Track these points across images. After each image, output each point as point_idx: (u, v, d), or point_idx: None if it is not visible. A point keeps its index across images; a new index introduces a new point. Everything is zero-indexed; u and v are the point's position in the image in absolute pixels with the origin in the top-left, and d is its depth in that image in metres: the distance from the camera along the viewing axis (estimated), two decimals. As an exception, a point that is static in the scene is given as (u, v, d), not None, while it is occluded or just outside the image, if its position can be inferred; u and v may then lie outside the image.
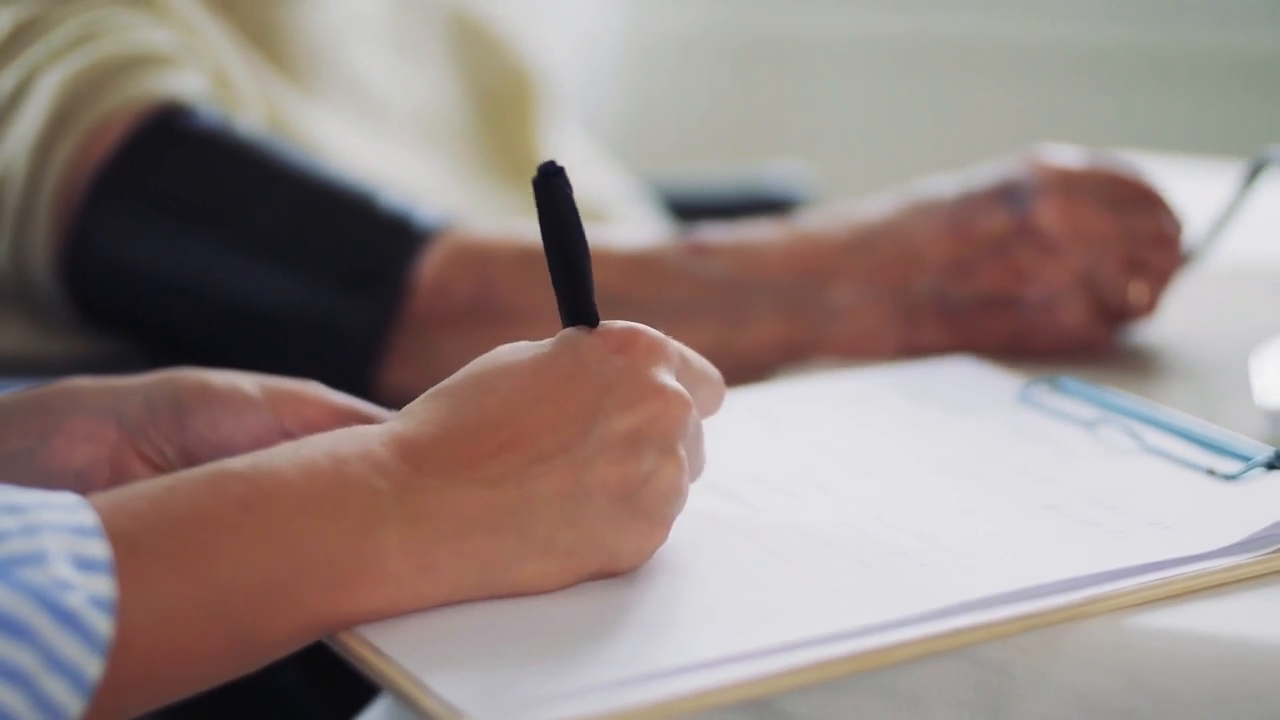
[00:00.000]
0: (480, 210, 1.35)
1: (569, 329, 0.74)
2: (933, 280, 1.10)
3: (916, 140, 2.78)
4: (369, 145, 1.31)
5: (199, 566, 0.64)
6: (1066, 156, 1.11)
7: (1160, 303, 1.11)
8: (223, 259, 1.12)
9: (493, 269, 1.11)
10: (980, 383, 1.01)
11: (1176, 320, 1.14)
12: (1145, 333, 1.13)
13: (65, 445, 0.76)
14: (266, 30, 1.28)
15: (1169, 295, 1.11)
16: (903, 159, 2.61)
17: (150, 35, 1.15)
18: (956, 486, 0.84)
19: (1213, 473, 0.84)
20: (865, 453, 0.89)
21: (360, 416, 0.80)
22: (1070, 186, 1.09)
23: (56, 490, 0.74)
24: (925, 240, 1.10)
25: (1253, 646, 0.68)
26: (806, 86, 2.89)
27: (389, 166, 1.30)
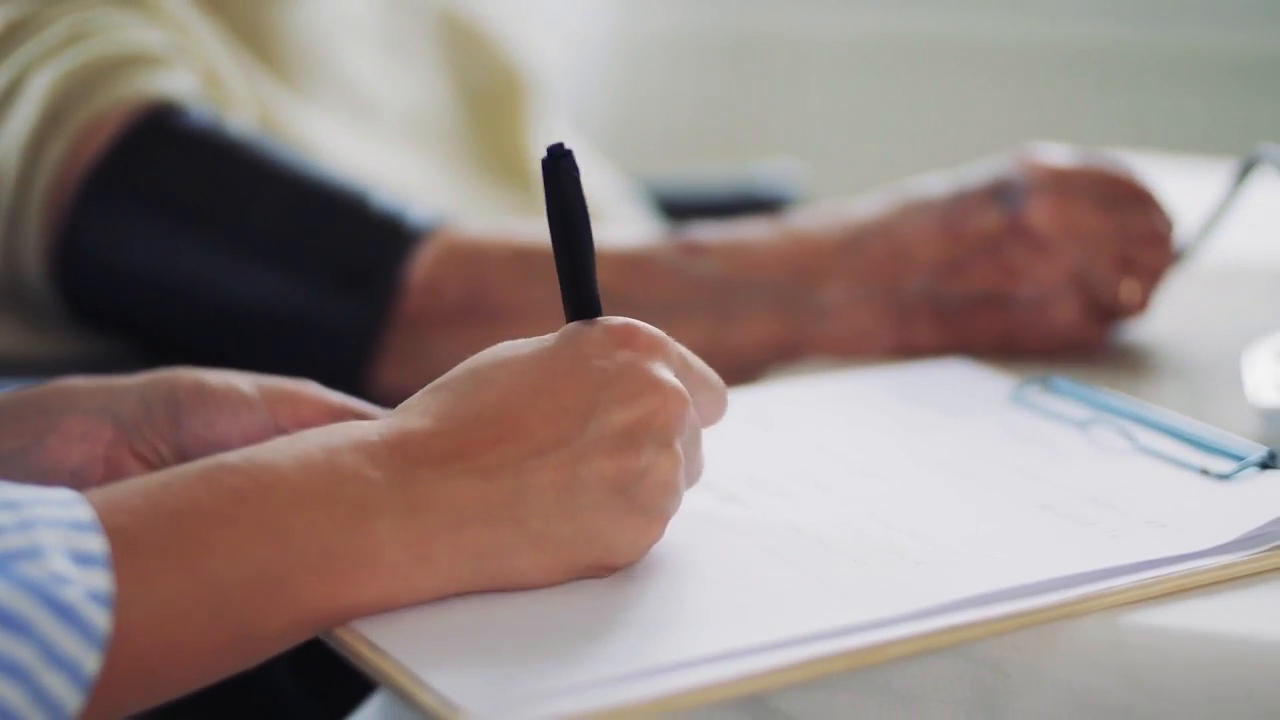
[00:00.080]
0: (471, 210, 1.35)
1: (570, 324, 0.74)
2: (924, 279, 1.10)
3: (905, 140, 2.79)
4: (360, 145, 1.31)
5: (195, 560, 0.64)
6: (1058, 155, 1.11)
7: (1152, 301, 1.11)
8: (214, 259, 1.11)
9: (485, 268, 1.11)
10: (973, 383, 1.01)
11: (1168, 319, 1.14)
12: (1137, 331, 1.13)
13: (60, 444, 0.76)
14: (257, 30, 1.28)
15: (1161, 294, 1.12)
16: (891, 159, 2.61)
17: (141, 35, 1.15)
18: (951, 486, 0.84)
19: (1206, 472, 0.84)
20: (860, 453, 0.89)
21: (356, 415, 0.80)
22: (1062, 185, 1.09)
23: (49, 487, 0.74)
24: (917, 239, 1.10)
25: (1249, 644, 0.68)
26: (794, 86, 2.89)
27: (380, 166, 1.29)
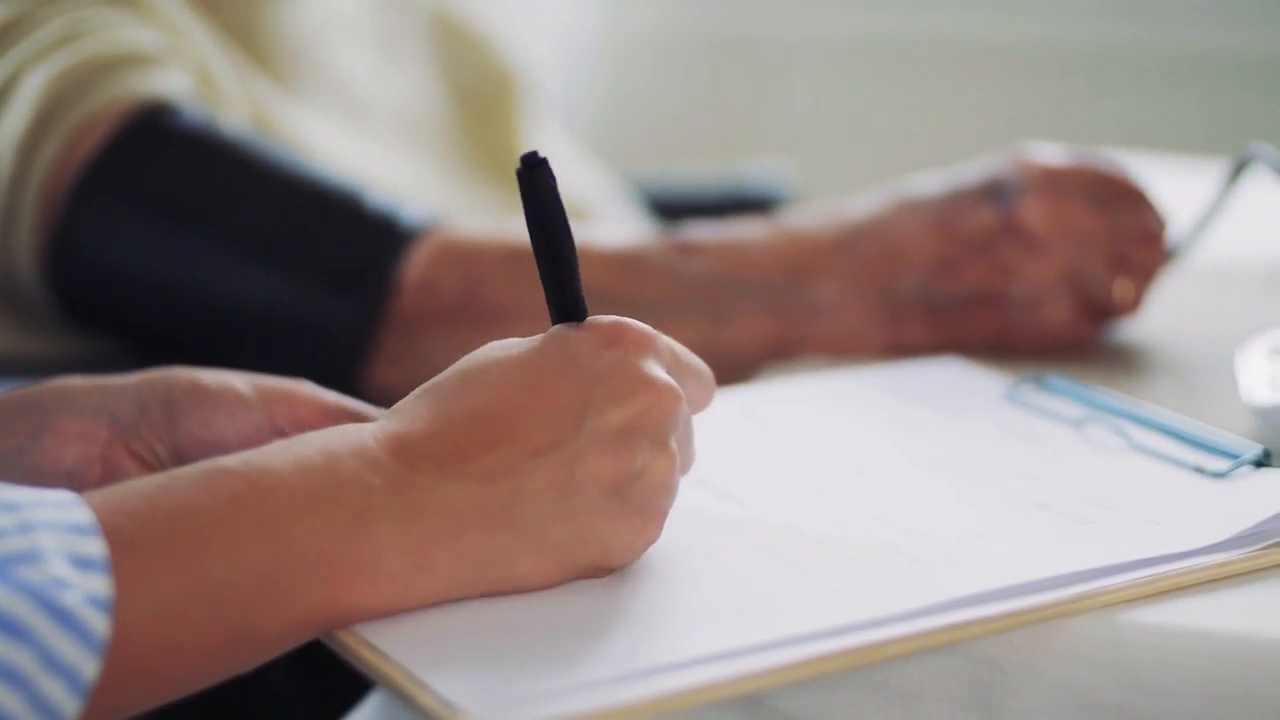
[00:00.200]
0: (463, 209, 1.35)
1: (557, 325, 0.73)
2: (918, 278, 1.10)
3: (894, 140, 2.78)
4: (352, 145, 1.31)
5: (194, 562, 0.64)
6: (1051, 154, 1.11)
7: (1145, 300, 1.11)
8: (208, 258, 1.11)
9: (479, 268, 1.11)
10: (967, 382, 1.01)
11: (1161, 318, 1.14)
12: (1130, 330, 1.13)
13: (56, 444, 0.76)
14: (250, 30, 1.28)
15: (1154, 293, 1.12)
16: (880, 158, 2.60)
17: (134, 35, 1.15)
18: (947, 484, 0.84)
19: (1201, 470, 0.84)
20: (855, 451, 0.89)
21: (352, 415, 0.80)
22: (1055, 184, 1.09)
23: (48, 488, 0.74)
24: (910, 238, 1.10)
25: (1246, 642, 0.68)
26: (782, 85, 2.89)
27: (372, 166, 1.29)
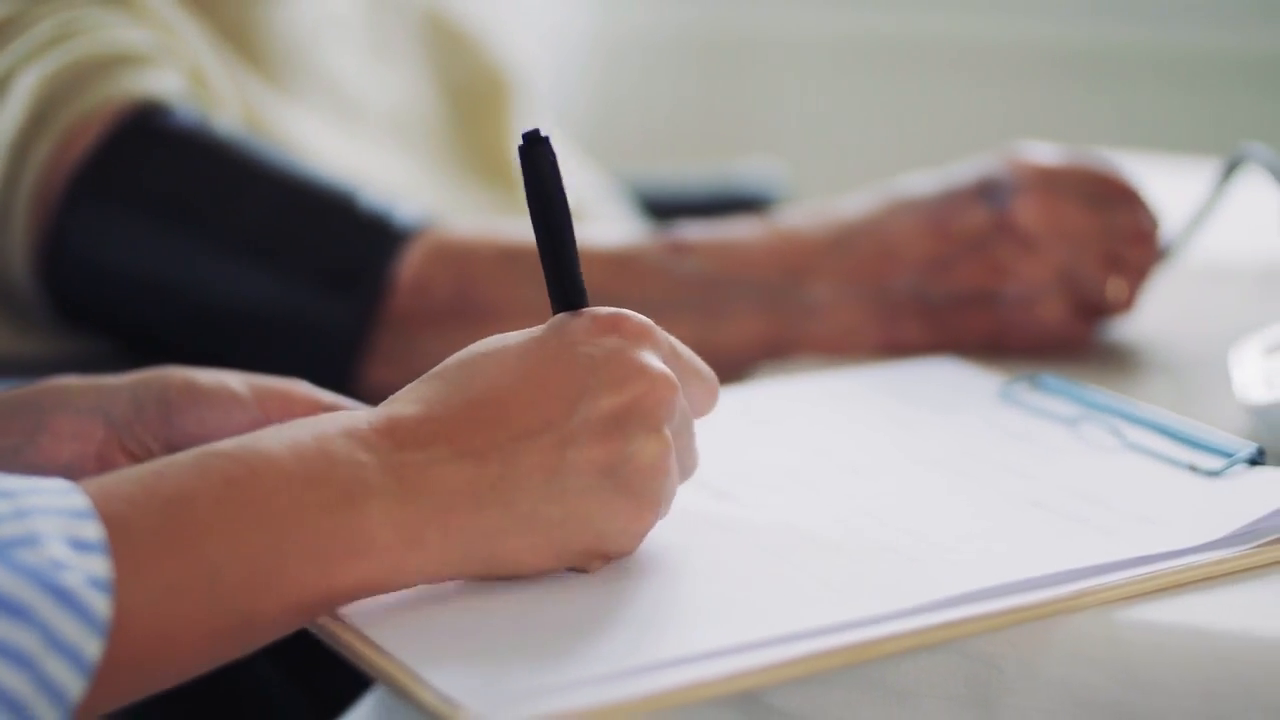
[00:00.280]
0: (455, 209, 1.35)
1: (557, 315, 0.74)
2: (912, 277, 1.10)
3: (884, 139, 2.79)
4: (345, 144, 1.31)
5: (189, 545, 0.64)
6: (1045, 154, 1.11)
7: (1138, 299, 1.11)
8: (202, 258, 1.11)
9: (473, 268, 1.11)
10: (962, 381, 1.01)
11: (1154, 317, 1.14)
12: (1124, 329, 1.13)
13: (52, 443, 0.76)
14: (242, 29, 1.28)
15: (1147, 292, 1.12)
16: (870, 158, 2.61)
17: (127, 34, 1.15)
18: (943, 483, 0.84)
19: (1195, 469, 0.84)
20: (851, 450, 0.89)
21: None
22: (1049, 183, 1.09)
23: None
24: (904, 237, 1.10)
25: (1242, 639, 0.68)
26: (772, 85, 2.89)
27: (365, 166, 1.29)
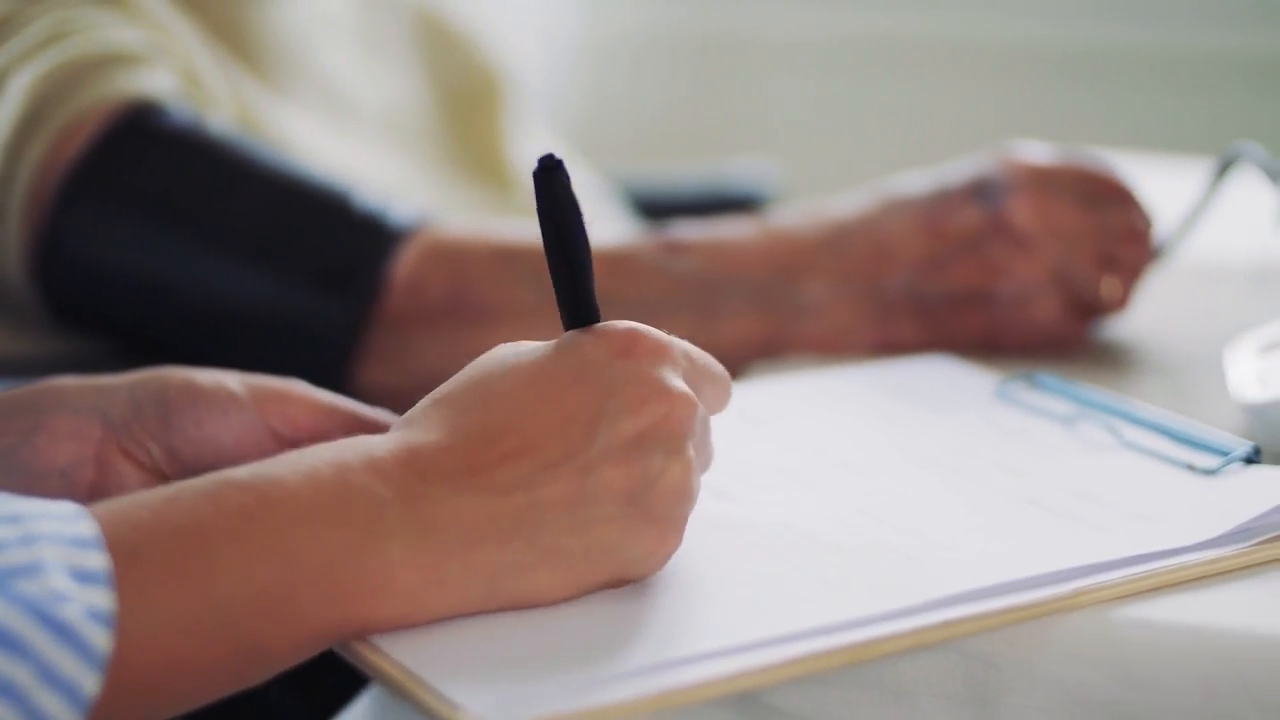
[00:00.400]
0: (448, 208, 1.35)
1: (570, 332, 0.72)
2: (906, 277, 1.10)
3: (874, 139, 2.79)
4: (339, 144, 1.31)
5: (199, 577, 0.63)
6: (1038, 153, 1.12)
7: (1132, 298, 1.11)
8: (196, 258, 1.11)
9: (468, 267, 1.11)
10: (957, 380, 1.01)
11: (1149, 316, 1.14)
12: (1118, 328, 1.13)
13: (49, 443, 0.76)
14: (235, 29, 1.27)
15: (1141, 291, 1.12)
16: (861, 158, 2.60)
17: (121, 34, 1.15)
18: (940, 481, 0.84)
19: (1192, 467, 0.84)
20: (847, 449, 0.89)
21: (345, 414, 0.80)
22: (1043, 183, 1.09)
23: (41, 491, 0.74)
24: (898, 237, 1.10)
25: (1240, 637, 0.68)
26: (762, 85, 2.89)
27: (358, 165, 1.29)
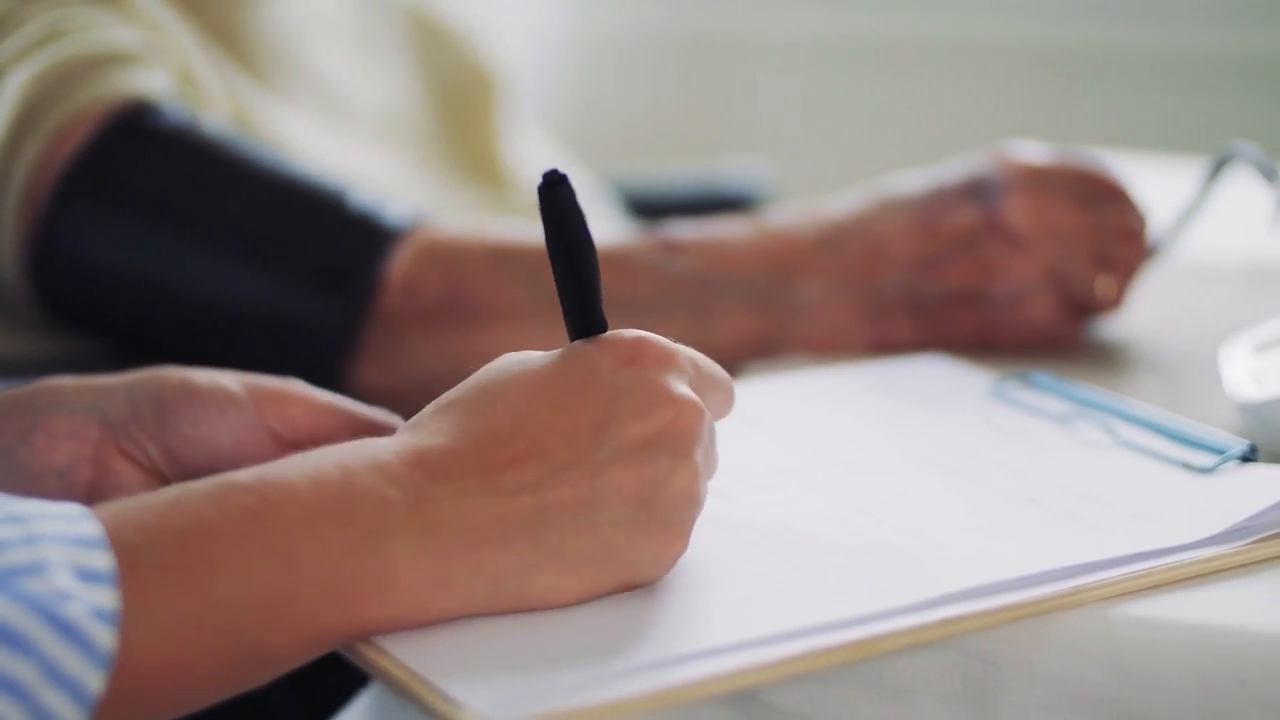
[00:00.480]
0: (443, 207, 1.35)
1: (577, 341, 0.72)
2: (902, 276, 1.10)
3: (865, 139, 2.79)
4: (333, 143, 1.31)
5: (203, 579, 0.63)
6: (1034, 153, 1.12)
7: (1127, 297, 1.11)
8: (192, 258, 1.11)
9: (463, 267, 1.11)
10: (953, 379, 1.01)
11: (1143, 315, 1.14)
12: (1112, 327, 1.14)
13: (47, 444, 0.76)
14: (230, 28, 1.27)
15: (1136, 290, 1.12)
16: (852, 158, 2.62)
17: (116, 34, 1.15)
18: (937, 480, 0.84)
19: (1188, 466, 0.84)
20: (844, 448, 0.89)
21: (343, 414, 0.80)
22: (1038, 182, 1.09)
23: (38, 491, 0.74)
24: (894, 236, 1.10)
25: (1238, 635, 0.68)
26: (753, 85, 2.89)
27: (353, 164, 1.29)
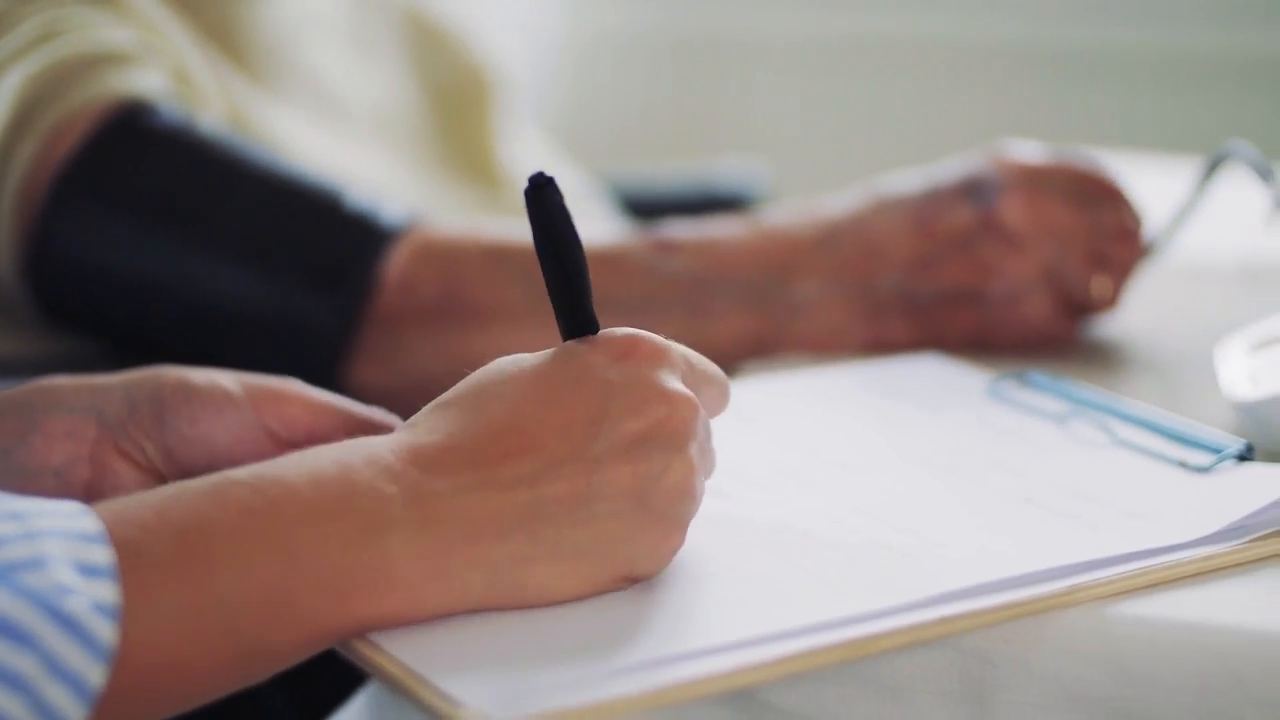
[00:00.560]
0: (438, 207, 1.35)
1: (570, 341, 0.73)
2: (897, 276, 1.10)
3: (857, 139, 2.79)
4: (329, 143, 1.31)
5: (202, 575, 0.63)
6: (1029, 152, 1.12)
7: (1123, 296, 1.12)
8: (188, 257, 1.11)
9: (459, 266, 1.11)
10: (949, 378, 1.01)
11: (1139, 314, 1.15)
12: (1108, 326, 1.14)
13: (44, 443, 0.76)
14: (226, 28, 1.27)
15: (1131, 289, 1.12)
16: (845, 157, 2.62)
17: (111, 34, 1.15)
18: (934, 479, 0.84)
19: (1185, 465, 0.84)
20: (841, 447, 0.89)
21: (340, 413, 0.80)
22: (1034, 182, 1.10)
23: (36, 490, 0.74)
24: (890, 236, 1.11)
25: (1234, 633, 0.68)
26: (746, 84, 2.89)
27: (349, 164, 1.29)
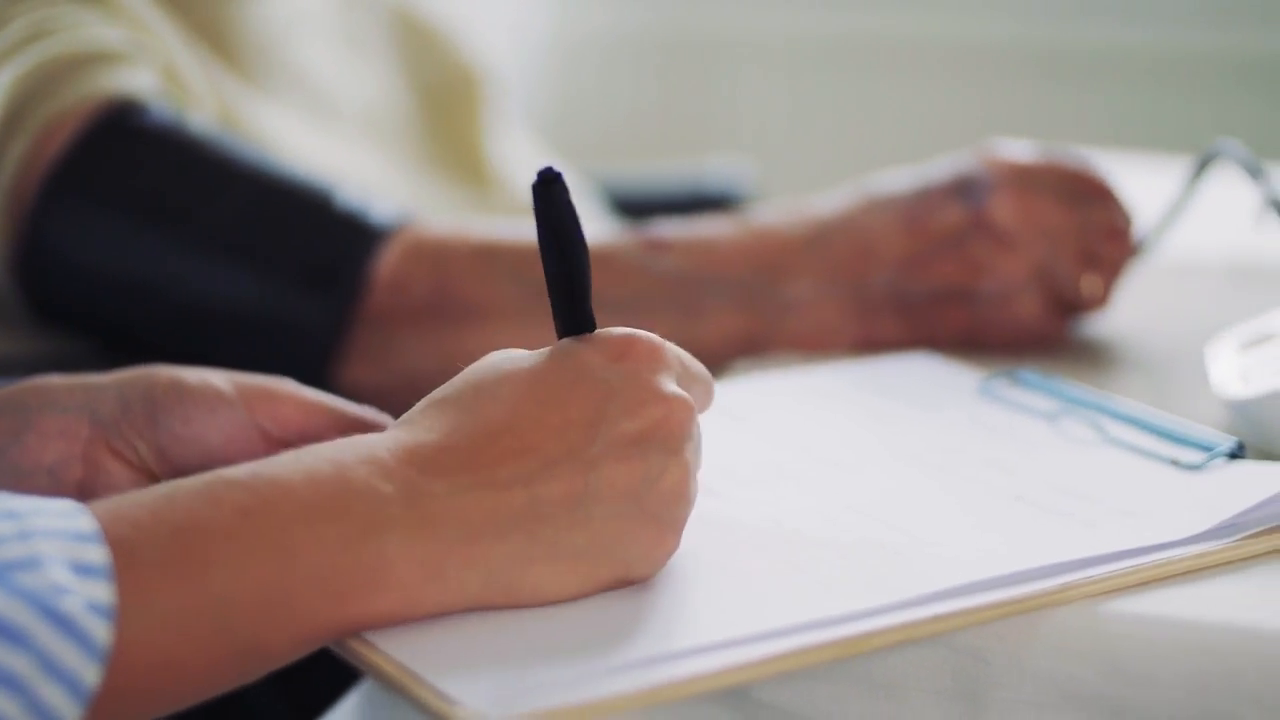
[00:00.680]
0: (428, 206, 1.35)
1: (566, 339, 0.73)
2: (888, 275, 1.10)
3: (845, 138, 2.80)
4: (319, 142, 1.31)
5: (197, 574, 0.63)
6: (1020, 151, 1.12)
7: (1113, 295, 1.12)
8: (178, 257, 1.11)
9: (451, 265, 1.11)
10: (940, 377, 1.02)
11: (1130, 313, 1.15)
12: (1098, 325, 1.14)
13: (37, 442, 0.76)
14: (215, 26, 1.27)
15: (1122, 287, 1.12)
16: (834, 157, 2.62)
17: (101, 32, 1.15)
18: (926, 478, 0.84)
19: (1176, 463, 0.84)
20: (833, 446, 0.89)
21: (333, 412, 0.80)
22: (1024, 181, 1.10)
23: (28, 489, 0.73)
24: (881, 235, 1.11)
25: (1227, 631, 0.68)
26: (734, 84, 2.89)
27: (339, 163, 1.29)
